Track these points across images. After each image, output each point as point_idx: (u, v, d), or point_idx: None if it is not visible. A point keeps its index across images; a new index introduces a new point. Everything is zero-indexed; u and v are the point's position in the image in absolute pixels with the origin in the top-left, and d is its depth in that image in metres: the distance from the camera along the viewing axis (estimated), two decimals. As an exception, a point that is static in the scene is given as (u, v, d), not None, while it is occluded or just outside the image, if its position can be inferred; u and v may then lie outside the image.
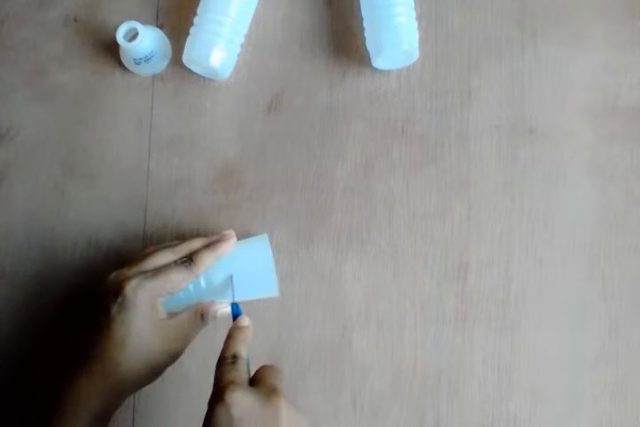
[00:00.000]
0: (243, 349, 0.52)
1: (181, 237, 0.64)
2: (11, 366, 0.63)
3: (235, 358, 0.50)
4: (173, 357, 0.55)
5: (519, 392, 0.61)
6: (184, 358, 0.57)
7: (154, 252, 0.57)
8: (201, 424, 0.48)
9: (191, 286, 0.57)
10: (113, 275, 0.55)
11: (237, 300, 0.57)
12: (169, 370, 0.55)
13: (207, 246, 0.58)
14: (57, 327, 0.63)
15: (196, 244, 0.59)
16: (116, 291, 0.53)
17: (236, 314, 0.56)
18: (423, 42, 0.65)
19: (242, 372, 0.49)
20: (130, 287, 0.53)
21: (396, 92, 0.66)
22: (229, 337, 0.53)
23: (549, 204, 0.64)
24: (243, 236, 0.62)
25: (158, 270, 0.55)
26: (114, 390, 0.52)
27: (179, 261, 0.56)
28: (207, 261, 0.57)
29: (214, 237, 0.59)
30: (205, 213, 0.64)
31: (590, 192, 0.64)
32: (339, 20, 0.67)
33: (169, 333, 0.54)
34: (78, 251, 0.64)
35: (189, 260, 0.56)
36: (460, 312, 0.63)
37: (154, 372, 0.54)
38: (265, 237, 0.61)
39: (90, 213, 0.65)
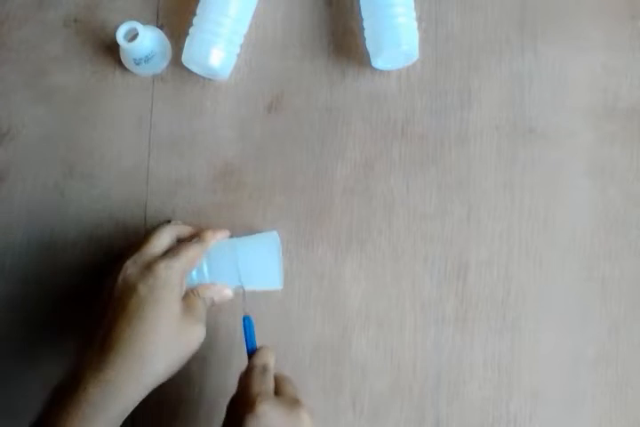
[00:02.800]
0: (272, 361, 0.54)
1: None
2: (10, 366, 0.63)
3: (265, 368, 0.53)
4: (198, 340, 0.53)
5: (519, 392, 0.61)
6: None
7: (155, 235, 0.57)
8: (201, 423, 0.49)
9: (194, 272, 0.57)
10: (130, 260, 0.54)
11: (243, 285, 0.58)
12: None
13: (208, 229, 0.60)
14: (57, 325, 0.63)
15: (190, 228, 0.60)
16: (144, 273, 0.52)
17: (248, 329, 0.57)
18: (423, 42, 0.65)
19: (270, 383, 0.52)
20: (161, 268, 0.52)
21: (396, 93, 0.66)
22: (263, 347, 0.55)
23: (549, 204, 0.64)
24: (246, 233, 0.63)
25: (177, 250, 0.55)
26: (144, 377, 0.50)
27: (187, 240, 0.57)
28: (212, 239, 0.58)
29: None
30: (205, 212, 0.64)
31: (590, 192, 0.64)
32: (339, 21, 0.67)
33: (189, 315, 0.53)
34: (78, 250, 0.64)
35: (197, 238, 0.57)
36: (459, 312, 0.63)
37: (181, 358, 0.52)
38: (275, 233, 0.61)
39: (90, 213, 0.65)
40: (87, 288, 0.63)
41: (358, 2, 0.64)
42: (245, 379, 0.52)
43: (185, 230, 0.60)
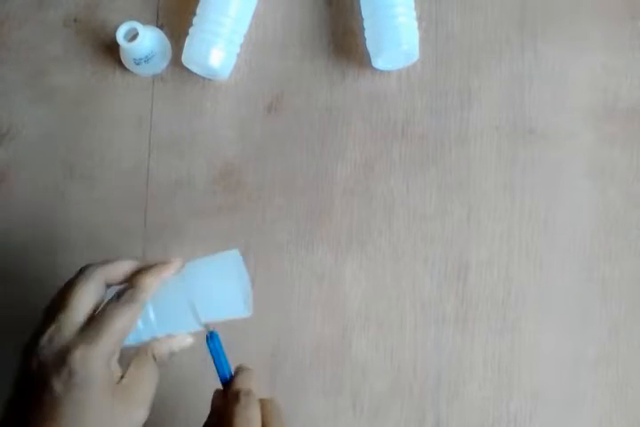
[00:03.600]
0: (255, 385, 0.46)
1: (181, 238, 0.64)
2: (10, 367, 0.63)
3: (247, 395, 0.45)
4: (140, 420, 0.44)
5: (519, 393, 0.61)
6: (182, 362, 0.56)
7: (74, 292, 0.45)
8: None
9: (139, 323, 0.46)
10: (46, 337, 0.43)
11: (203, 321, 0.47)
12: (169, 376, 0.55)
13: (149, 268, 0.46)
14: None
15: (126, 265, 0.46)
16: (58, 365, 0.41)
17: (213, 348, 0.47)
18: (423, 42, 0.65)
19: (256, 415, 0.44)
20: (76, 360, 0.41)
21: (396, 93, 0.66)
22: (241, 369, 0.47)
23: (549, 205, 0.64)
24: (245, 236, 0.63)
25: (98, 323, 0.43)
26: None
27: (115, 297, 0.44)
28: (152, 283, 0.45)
29: (155, 262, 0.47)
30: (205, 213, 0.64)
31: (590, 193, 0.64)
32: (339, 21, 0.67)
33: (126, 398, 0.43)
34: (78, 251, 0.64)
35: (129, 287, 0.44)
36: (460, 313, 0.63)
37: None
38: (235, 251, 0.48)
39: (90, 214, 0.65)
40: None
41: (358, 2, 0.64)
42: (227, 410, 0.44)
43: (120, 271, 0.46)
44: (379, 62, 0.64)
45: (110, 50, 0.67)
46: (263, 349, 0.62)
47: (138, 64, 0.64)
